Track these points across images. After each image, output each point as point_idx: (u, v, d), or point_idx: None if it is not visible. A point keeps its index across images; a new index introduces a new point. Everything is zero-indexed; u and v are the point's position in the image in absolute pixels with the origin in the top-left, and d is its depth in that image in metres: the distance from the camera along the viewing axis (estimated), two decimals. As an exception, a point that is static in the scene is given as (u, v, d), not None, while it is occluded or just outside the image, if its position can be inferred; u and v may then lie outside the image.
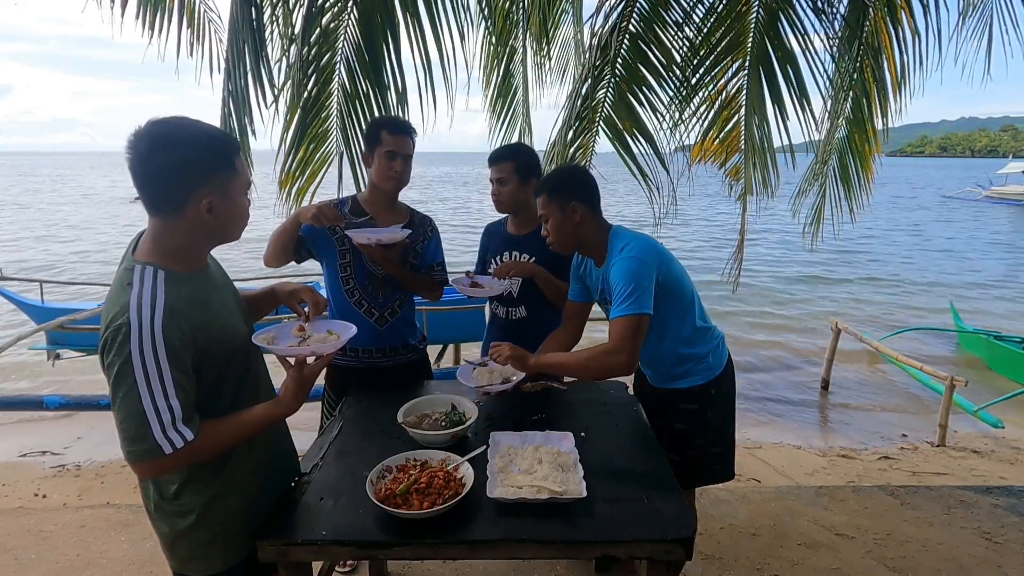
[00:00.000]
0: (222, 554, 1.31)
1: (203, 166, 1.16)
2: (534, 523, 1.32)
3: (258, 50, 2.45)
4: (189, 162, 1.13)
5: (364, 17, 2.66)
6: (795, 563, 2.53)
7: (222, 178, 1.19)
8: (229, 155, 1.20)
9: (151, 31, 2.89)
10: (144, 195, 1.16)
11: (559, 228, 1.91)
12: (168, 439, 1.12)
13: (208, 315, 1.22)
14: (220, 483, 1.29)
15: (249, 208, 1.30)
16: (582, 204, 1.88)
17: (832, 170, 3.82)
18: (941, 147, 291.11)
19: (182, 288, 1.18)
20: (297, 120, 2.79)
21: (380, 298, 2.18)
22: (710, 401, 1.99)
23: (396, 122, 2.14)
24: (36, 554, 2.58)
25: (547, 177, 2.00)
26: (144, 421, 1.10)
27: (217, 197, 1.18)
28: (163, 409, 1.11)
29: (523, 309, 2.33)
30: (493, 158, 2.28)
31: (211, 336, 1.21)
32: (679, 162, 3.32)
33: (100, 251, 14.94)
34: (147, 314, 1.10)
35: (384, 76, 2.75)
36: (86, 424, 4.56)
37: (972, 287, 11.70)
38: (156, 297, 1.13)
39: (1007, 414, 5.03)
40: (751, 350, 7.28)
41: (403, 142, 2.10)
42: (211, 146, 1.17)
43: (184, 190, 1.15)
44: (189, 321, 1.16)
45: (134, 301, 1.11)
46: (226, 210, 1.21)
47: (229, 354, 1.27)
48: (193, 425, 1.16)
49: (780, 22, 3.24)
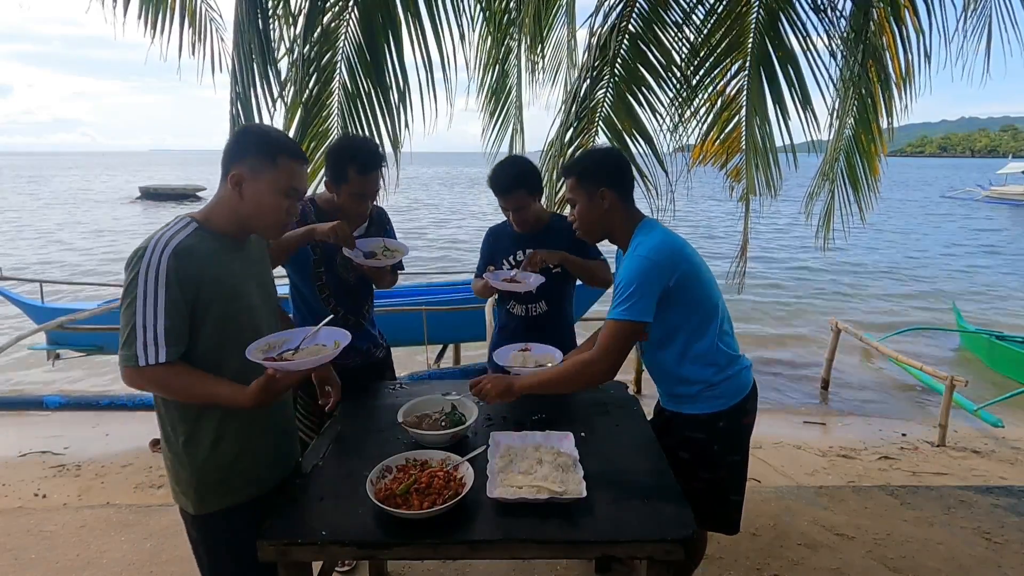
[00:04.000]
0: (216, 498, 1.42)
1: (246, 149, 1.37)
2: (534, 523, 1.32)
3: (264, 52, 2.45)
4: (240, 144, 1.38)
5: (365, 16, 2.67)
6: (795, 563, 2.53)
7: (258, 164, 1.35)
8: (274, 152, 1.36)
9: (152, 31, 2.89)
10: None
11: (586, 215, 1.78)
12: (146, 353, 1.26)
13: (220, 271, 1.35)
14: (216, 434, 1.40)
15: (286, 214, 1.41)
16: (612, 190, 1.75)
17: (840, 170, 3.81)
18: (941, 147, 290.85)
19: (205, 241, 1.34)
20: (298, 119, 2.80)
21: (351, 303, 2.19)
22: (717, 433, 1.79)
23: (366, 159, 1.95)
24: (36, 554, 2.58)
25: (577, 159, 1.88)
26: (133, 331, 1.26)
27: (247, 176, 1.35)
28: (150, 327, 1.26)
29: (543, 304, 2.34)
30: (502, 189, 2.21)
31: (217, 291, 1.34)
32: (679, 163, 3.32)
33: (100, 251, 14.95)
34: (160, 246, 1.28)
35: (385, 75, 2.75)
36: (86, 424, 4.55)
37: (972, 287, 11.69)
38: (175, 237, 1.31)
39: (1007, 414, 5.04)
40: (751, 350, 7.28)
41: (372, 181, 1.98)
42: (262, 139, 1.38)
43: (227, 163, 1.37)
44: (198, 266, 1.31)
45: (158, 235, 1.31)
46: (252, 194, 1.36)
47: (231, 317, 1.37)
48: (171, 353, 1.28)
49: (780, 22, 3.24)
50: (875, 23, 3.28)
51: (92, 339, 5.46)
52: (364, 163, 1.94)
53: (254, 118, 2.60)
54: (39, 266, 12.58)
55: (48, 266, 12.74)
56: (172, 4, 2.90)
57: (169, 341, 1.27)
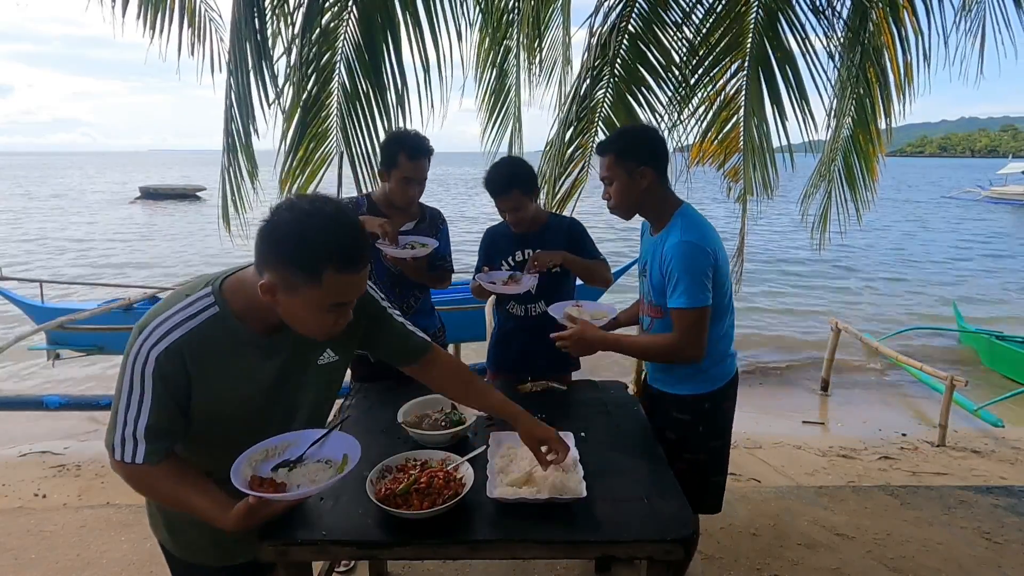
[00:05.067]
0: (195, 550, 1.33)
1: (281, 255, 1.07)
2: (534, 523, 1.32)
3: (260, 52, 2.45)
4: (274, 246, 1.07)
5: (364, 16, 2.66)
6: (795, 563, 2.53)
7: (296, 279, 1.06)
8: (316, 265, 1.05)
9: (152, 31, 2.90)
10: None
11: (624, 192, 1.80)
12: (123, 449, 1.12)
13: (231, 371, 1.16)
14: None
15: (330, 330, 1.15)
16: (651, 169, 1.77)
17: (837, 171, 3.82)
18: (941, 147, 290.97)
19: (219, 333, 1.14)
20: (297, 119, 2.79)
21: (398, 293, 2.28)
22: (703, 414, 1.88)
23: (415, 145, 2.14)
24: (36, 554, 2.58)
25: (616, 136, 1.91)
26: (115, 419, 1.13)
27: (281, 289, 1.08)
28: (131, 421, 1.11)
29: (543, 304, 2.34)
30: (497, 190, 2.21)
31: (215, 396, 1.16)
32: (678, 163, 3.32)
33: (100, 251, 14.95)
34: (155, 338, 1.10)
35: (384, 76, 2.75)
36: (86, 424, 4.56)
37: (972, 287, 11.69)
38: (179, 328, 1.11)
39: (1007, 414, 5.04)
40: (751, 350, 7.28)
41: (421, 167, 2.15)
42: (302, 246, 1.05)
43: (260, 260, 1.10)
44: (199, 365, 1.12)
45: (163, 316, 1.12)
46: (288, 308, 1.10)
47: (226, 426, 1.22)
48: (152, 452, 1.13)
49: (779, 23, 3.24)
50: (874, 24, 3.28)
51: (92, 339, 5.46)
52: (413, 147, 2.12)
53: (251, 119, 2.60)
54: (39, 266, 12.58)
55: (48, 266, 12.73)
56: (171, 4, 2.91)
57: (150, 438, 1.12)
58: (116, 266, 12.79)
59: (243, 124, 2.61)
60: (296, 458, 1.23)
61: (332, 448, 1.27)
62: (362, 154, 2.87)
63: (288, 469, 1.21)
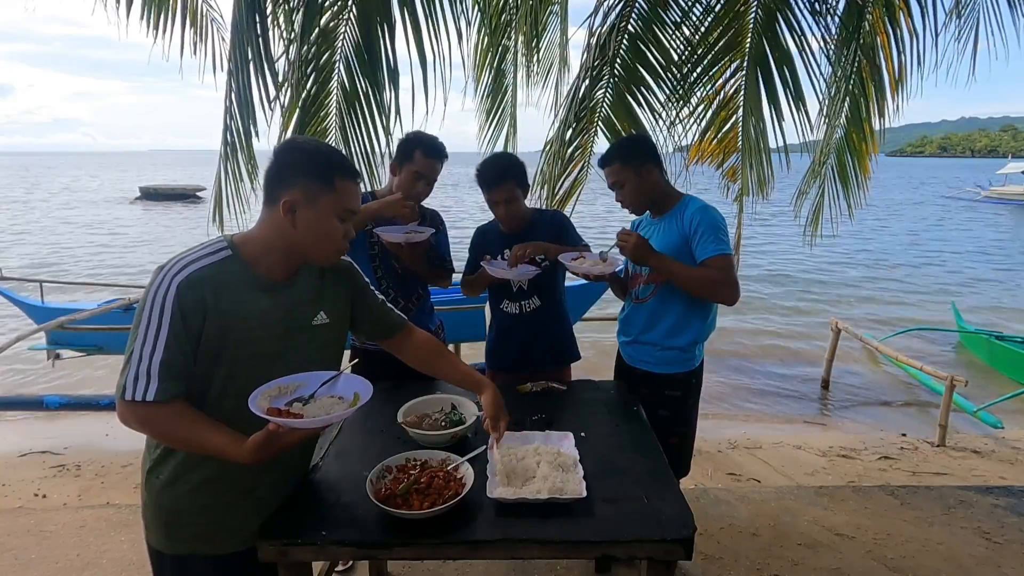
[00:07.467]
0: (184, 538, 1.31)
1: (298, 170, 1.23)
2: (534, 523, 1.32)
3: (261, 52, 2.46)
4: (290, 164, 1.24)
5: (363, 16, 2.66)
6: (795, 563, 2.53)
7: (314, 188, 1.22)
8: (329, 172, 1.24)
9: (155, 31, 2.90)
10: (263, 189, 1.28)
11: (638, 190, 2.05)
12: (135, 387, 1.14)
13: (241, 308, 1.22)
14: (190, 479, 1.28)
15: (345, 240, 1.29)
16: (653, 163, 2.05)
17: (830, 169, 3.82)
18: (941, 147, 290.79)
19: (233, 272, 1.22)
20: (296, 119, 2.80)
21: (402, 292, 2.32)
22: (691, 389, 2.14)
23: (433, 145, 2.19)
24: (36, 554, 2.58)
25: (614, 148, 2.13)
26: (129, 359, 1.16)
27: (302, 201, 1.22)
28: (146, 357, 1.14)
29: (536, 299, 2.35)
30: (490, 181, 2.22)
31: (230, 331, 1.21)
32: (677, 163, 3.32)
33: (100, 251, 14.95)
34: (174, 271, 1.17)
35: (382, 75, 2.75)
36: (86, 424, 4.56)
37: (972, 287, 11.69)
38: (195, 263, 1.19)
39: (1007, 414, 5.03)
40: (751, 350, 7.27)
41: (433, 167, 2.20)
42: (314, 158, 1.24)
43: (277, 188, 1.23)
44: (214, 299, 1.18)
45: (179, 256, 1.21)
46: (308, 220, 1.23)
47: (241, 362, 1.24)
48: (164, 390, 1.15)
49: (778, 23, 3.25)
50: (870, 24, 3.28)
51: (92, 339, 5.45)
52: (431, 146, 2.18)
53: (251, 118, 2.60)
54: (39, 266, 12.57)
55: (48, 266, 12.72)
56: (174, 5, 2.91)
57: (163, 376, 1.14)
58: (116, 266, 12.82)
59: (243, 124, 2.62)
60: (309, 395, 1.28)
61: (343, 388, 1.33)
62: (361, 153, 2.87)
63: (303, 403, 1.26)
